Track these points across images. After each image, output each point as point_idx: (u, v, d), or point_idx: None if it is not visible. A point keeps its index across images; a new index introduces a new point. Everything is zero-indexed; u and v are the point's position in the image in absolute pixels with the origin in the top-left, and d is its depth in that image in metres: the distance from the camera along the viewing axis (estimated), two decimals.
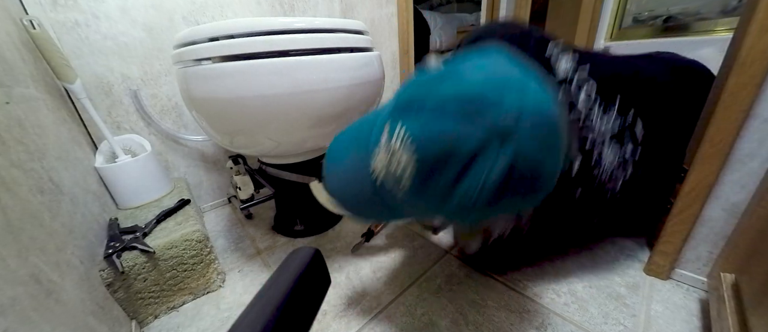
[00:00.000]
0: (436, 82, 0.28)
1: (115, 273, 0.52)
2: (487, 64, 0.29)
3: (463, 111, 0.26)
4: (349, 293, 0.61)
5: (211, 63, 0.49)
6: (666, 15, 1.24)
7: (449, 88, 0.27)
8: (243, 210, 0.83)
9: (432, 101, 0.27)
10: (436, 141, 0.27)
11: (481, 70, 0.28)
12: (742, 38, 0.41)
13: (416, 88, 0.30)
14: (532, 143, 0.26)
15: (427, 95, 0.28)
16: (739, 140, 0.45)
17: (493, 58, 0.29)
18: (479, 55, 0.30)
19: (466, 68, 0.28)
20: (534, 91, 0.27)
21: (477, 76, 0.27)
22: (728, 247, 0.49)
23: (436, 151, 0.27)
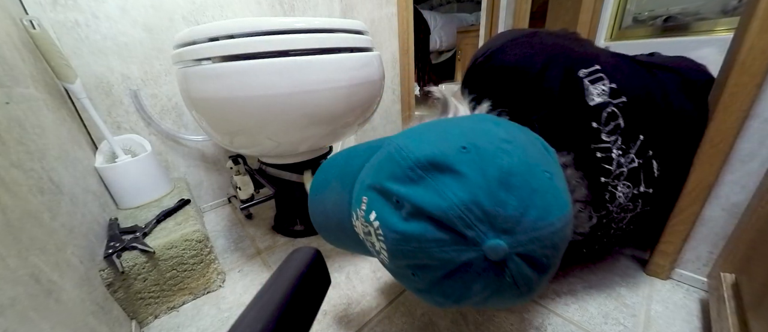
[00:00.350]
0: (419, 179, 0.24)
1: (115, 273, 0.52)
2: (475, 171, 0.23)
3: (442, 237, 0.23)
4: (349, 293, 0.61)
5: (211, 63, 0.49)
6: (666, 15, 1.24)
7: (430, 201, 0.23)
8: (243, 210, 0.83)
9: (410, 206, 0.24)
10: (406, 255, 0.25)
11: (470, 181, 0.23)
12: (742, 38, 0.41)
13: (396, 173, 0.26)
14: (525, 268, 0.24)
15: (406, 195, 0.24)
16: (739, 140, 0.45)
17: (488, 158, 0.24)
18: (474, 143, 0.25)
19: (451, 176, 0.24)
20: (533, 221, 0.23)
21: (466, 193, 0.23)
22: (728, 247, 0.49)
23: (407, 261, 0.25)
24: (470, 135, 0.26)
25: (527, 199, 0.23)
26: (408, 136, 0.29)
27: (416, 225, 0.24)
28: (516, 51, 0.42)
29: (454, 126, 0.28)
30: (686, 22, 1.20)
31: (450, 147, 0.25)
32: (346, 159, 0.36)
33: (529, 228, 0.23)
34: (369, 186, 0.28)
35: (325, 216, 0.37)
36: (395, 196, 0.25)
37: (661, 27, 1.26)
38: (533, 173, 0.24)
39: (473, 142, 0.25)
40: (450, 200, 0.23)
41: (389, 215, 0.25)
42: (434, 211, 0.23)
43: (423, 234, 0.23)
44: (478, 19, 2.64)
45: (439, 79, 2.68)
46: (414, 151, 0.25)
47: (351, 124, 0.62)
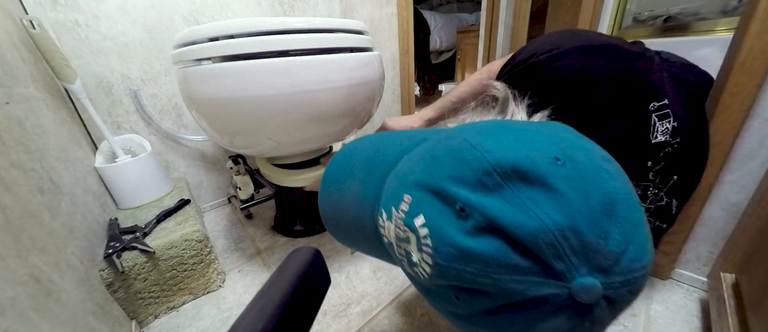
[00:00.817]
0: (496, 188, 0.19)
1: (115, 273, 0.52)
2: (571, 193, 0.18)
3: (520, 264, 0.18)
4: (349, 293, 0.61)
5: (211, 63, 0.49)
6: (666, 15, 1.24)
7: (512, 217, 0.18)
8: (243, 210, 0.83)
9: (481, 218, 0.19)
10: (458, 277, 0.20)
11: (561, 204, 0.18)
12: (742, 38, 0.41)
13: (465, 175, 0.20)
14: (607, 315, 0.19)
15: (478, 204, 0.19)
16: (739, 140, 0.45)
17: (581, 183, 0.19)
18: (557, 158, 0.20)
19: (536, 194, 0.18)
20: (631, 259, 0.18)
21: (553, 217, 0.18)
22: (728, 247, 0.49)
23: (455, 282, 0.20)
24: (562, 144, 0.21)
25: (630, 234, 0.19)
26: (477, 129, 0.23)
27: (486, 244, 0.19)
28: (586, 61, 0.37)
29: (536, 130, 0.23)
30: (686, 22, 1.20)
31: (540, 154, 0.20)
32: (376, 147, 0.31)
33: (626, 268, 0.18)
34: (416, 184, 0.22)
35: (340, 210, 0.31)
36: (460, 203, 0.20)
37: (661, 27, 1.26)
38: (634, 204, 0.20)
39: (568, 154, 0.20)
40: (541, 221, 0.18)
41: (447, 224, 0.20)
42: (517, 231, 0.18)
43: (493, 255, 0.19)
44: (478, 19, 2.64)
45: (440, 79, 2.67)
46: (492, 152, 0.20)
47: (351, 124, 0.62)
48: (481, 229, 0.19)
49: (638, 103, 0.38)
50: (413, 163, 0.25)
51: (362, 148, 0.32)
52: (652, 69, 0.42)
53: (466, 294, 0.21)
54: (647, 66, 0.41)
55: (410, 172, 0.24)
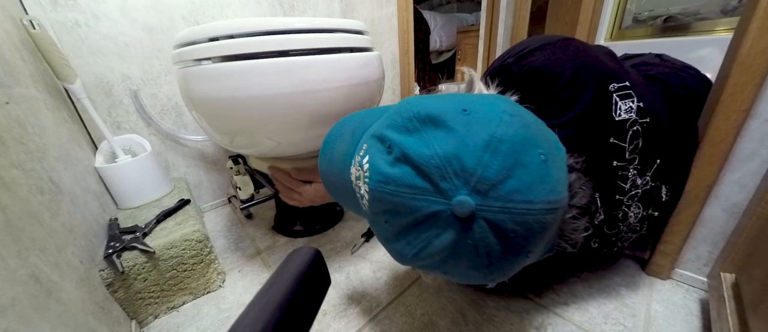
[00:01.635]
0: (414, 130, 0.26)
1: (115, 273, 0.52)
2: (466, 127, 0.24)
3: (418, 184, 0.24)
4: (349, 293, 0.61)
5: (211, 63, 0.49)
6: (666, 15, 1.24)
7: (415, 148, 0.24)
8: (243, 210, 0.82)
9: (398, 151, 0.25)
10: (383, 200, 0.26)
11: (458, 134, 0.24)
12: (742, 38, 0.41)
13: (396, 123, 0.27)
14: (490, 236, 0.23)
15: (398, 141, 0.26)
16: (739, 140, 0.45)
17: (488, 117, 0.25)
18: (476, 107, 0.26)
19: (438, 131, 0.25)
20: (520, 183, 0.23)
21: (444, 146, 0.24)
22: (728, 247, 0.49)
23: (383, 206, 0.27)
24: (477, 103, 0.26)
25: (511, 169, 0.23)
26: (421, 98, 0.29)
27: (398, 170, 0.25)
28: (548, 55, 0.41)
29: (469, 97, 0.29)
30: (686, 22, 1.20)
31: (452, 107, 0.26)
32: (363, 116, 0.37)
33: (503, 196, 0.23)
34: (371, 135, 0.29)
35: (331, 168, 0.37)
36: (389, 142, 0.26)
37: (661, 27, 1.26)
38: (526, 149, 0.24)
39: (476, 108, 0.25)
40: (433, 150, 0.24)
41: (379, 159, 0.27)
42: (416, 158, 0.24)
43: (401, 178, 0.25)
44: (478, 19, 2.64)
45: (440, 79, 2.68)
46: (417, 106, 0.27)
47: None
48: (398, 159, 0.25)
49: (597, 83, 0.40)
50: (378, 122, 0.31)
51: (354, 117, 0.38)
52: (618, 64, 0.45)
53: (390, 217, 0.27)
54: (606, 58, 0.44)
55: (373, 127, 0.31)
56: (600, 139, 0.41)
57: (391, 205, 0.26)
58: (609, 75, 0.41)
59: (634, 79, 0.43)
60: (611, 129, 0.41)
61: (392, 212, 0.27)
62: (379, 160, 0.27)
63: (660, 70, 0.54)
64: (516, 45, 0.45)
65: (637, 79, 0.44)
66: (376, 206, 0.28)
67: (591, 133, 0.40)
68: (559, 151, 0.29)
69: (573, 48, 0.42)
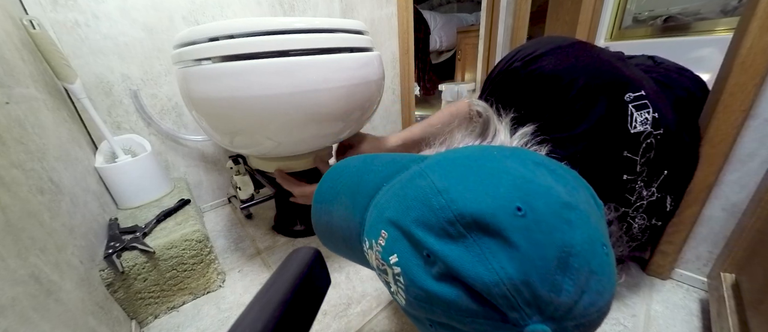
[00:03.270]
0: (458, 237, 0.20)
1: (115, 273, 0.52)
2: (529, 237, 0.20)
3: (478, 310, 0.20)
4: (349, 293, 0.61)
5: (211, 63, 0.49)
6: (666, 15, 1.24)
7: (471, 269, 0.20)
8: (243, 210, 0.82)
9: (444, 266, 0.20)
10: (429, 311, 0.22)
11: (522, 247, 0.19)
12: (742, 38, 0.41)
13: (430, 222, 0.21)
14: None
15: (442, 253, 0.20)
16: (739, 140, 0.45)
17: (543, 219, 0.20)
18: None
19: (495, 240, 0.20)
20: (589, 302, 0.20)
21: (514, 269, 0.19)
22: (728, 247, 0.49)
23: (428, 315, 0.23)
24: (526, 188, 0.21)
25: (584, 284, 0.20)
26: (447, 170, 0.24)
27: (448, 290, 0.20)
28: (559, 61, 0.38)
29: (504, 169, 0.23)
30: (686, 22, 1.20)
31: (502, 204, 0.20)
32: (359, 172, 0.32)
33: (579, 315, 0.20)
34: (391, 222, 0.24)
35: (330, 230, 0.33)
36: (427, 249, 0.21)
37: (661, 27, 1.26)
38: (594, 251, 0.21)
39: (530, 203, 0.20)
40: (497, 274, 0.19)
41: (416, 268, 0.22)
42: (475, 282, 0.19)
43: (455, 301, 0.20)
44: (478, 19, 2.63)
45: (440, 79, 2.67)
46: (457, 201, 0.21)
47: (351, 124, 0.62)
48: (445, 276, 0.20)
49: (613, 93, 0.38)
50: (390, 198, 0.26)
51: (347, 172, 0.33)
52: (632, 70, 0.43)
53: (437, 325, 0.23)
54: (621, 64, 0.42)
55: (386, 207, 0.25)
56: (612, 152, 0.39)
57: (441, 319, 0.22)
58: (624, 83, 0.39)
59: (649, 88, 0.41)
60: (625, 142, 0.39)
61: (441, 324, 0.23)
62: (417, 271, 0.22)
63: (660, 73, 0.53)
64: (523, 47, 0.42)
65: (651, 87, 0.42)
66: (419, 312, 0.23)
67: (603, 146, 0.38)
68: (601, 213, 0.26)
69: (586, 53, 0.39)
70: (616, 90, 0.38)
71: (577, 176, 0.27)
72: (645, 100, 0.39)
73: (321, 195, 0.34)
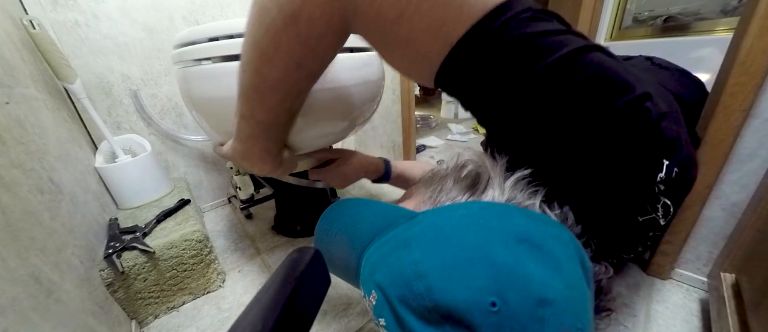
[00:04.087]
0: (435, 323, 0.22)
1: (115, 273, 0.52)
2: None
3: None
4: (349, 293, 0.61)
5: (211, 63, 0.49)
6: (666, 15, 1.24)
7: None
8: (243, 210, 0.83)
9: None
10: None
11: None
12: (742, 38, 0.41)
13: (410, 301, 0.23)
14: None
15: (416, 330, 0.23)
16: (739, 140, 0.45)
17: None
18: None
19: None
20: None
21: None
22: (728, 247, 0.49)
23: None
24: (503, 281, 0.22)
25: None
26: (429, 246, 0.25)
27: None
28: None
29: (484, 254, 0.24)
30: (686, 22, 1.20)
31: (477, 299, 0.22)
32: (354, 219, 0.34)
33: None
34: (378, 286, 0.26)
35: (331, 262, 0.35)
36: (408, 328, 0.23)
37: (661, 27, 1.26)
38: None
39: (505, 298, 0.21)
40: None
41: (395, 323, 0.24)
42: None
43: None
44: None
45: None
46: (435, 291, 0.22)
47: (351, 125, 0.62)
48: None
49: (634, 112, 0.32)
50: (378, 259, 0.28)
51: (343, 215, 0.36)
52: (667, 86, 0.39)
53: None
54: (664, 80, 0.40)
55: (376, 269, 0.27)
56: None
57: None
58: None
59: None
60: (648, 199, 0.33)
61: None
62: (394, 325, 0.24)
63: (659, 75, 0.52)
64: None
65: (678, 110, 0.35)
66: None
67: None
68: (586, 275, 0.26)
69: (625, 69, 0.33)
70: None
71: (565, 242, 0.26)
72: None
73: (320, 233, 0.37)
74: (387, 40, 0.30)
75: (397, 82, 1.35)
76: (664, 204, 0.33)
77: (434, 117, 2.03)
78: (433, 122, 1.97)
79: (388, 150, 1.32)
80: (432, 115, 2.07)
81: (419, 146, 1.59)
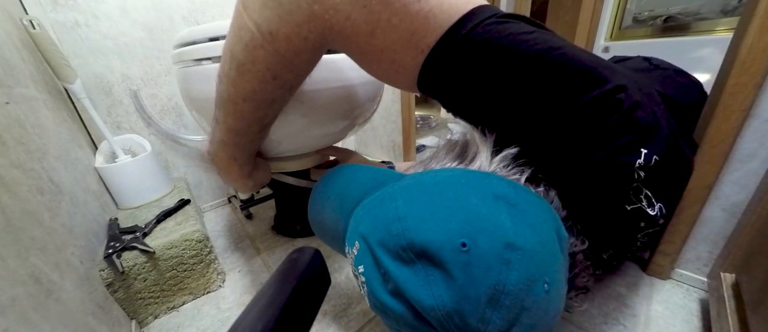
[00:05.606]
0: (409, 262, 0.24)
1: (115, 273, 0.52)
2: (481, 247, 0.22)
3: (418, 327, 0.24)
4: (349, 293, 0.61)
5: (211, 63, 0.49)
6: (666, 15, 1.24)
7: (415, 291, 0.23)
8: (243, 210, 0.83)
9: (394, 285, 0.24)
10: (383, 316, 0.26)
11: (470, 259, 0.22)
12: (742, 38, 0.41)
13: (388, 244, 0.25)
14: None
15: (394, 274, 0.24)
16: (739, 140, 0.45)
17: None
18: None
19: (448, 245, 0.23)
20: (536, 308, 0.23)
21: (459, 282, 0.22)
22: (728, 247, 0.49)
23: (385, 319, 0.26)
24: (475, 225, 0.23)
25: (514, 319, 0.22)
26: (412, 199, 0.27)
27: (397, 305, 0.24)
28: None
29: (461, 203, 0.25)
30: (686, 22, 1.20)
31: (449, 238, 0.23)
32: (348, 181, 0.35)
33: None
34: (361, 236, 0.27)
35: (322, 228, 0.37)
36: (383, 268, 0.25)
37: (661, 27, 1.26)
38: (530, 289, 0.22)
39: (475, 240, 0.23)
40: (435, 299, 0.22)
41: (375, 281, 0.25)
42: (416, 303, 0.23)
43: (401, 316, 0.24)
44: None
45: None
46: (411, 231, 0.24)
47: (351, 124, 0.62)
48: (396, 293, 0.24)
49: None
50: (365, 213, 0.29)
51: (340, 178, 0.37)
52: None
53: (394, 327, 0.27)
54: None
55: (361, 221, 0.29)
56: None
57: (393, 325, 0.27)
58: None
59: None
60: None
61: (395, 329, 0.27)
62: (376, 284, 0.25)
63: (657, 76, 0.52)
64: None
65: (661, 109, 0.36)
66: (378, 315, 0.28)
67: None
68: (561, 249, 0.27)
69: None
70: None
71: (543, 209, 0.28)
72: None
73: (315, 196, 0.38)
74: (364, 53, 0.32)
75: None
76: (647, 196, 0.34)
77: (434, 117, 2.03)
78: (433, 122, 1.97)
79: (388, 150, 1.32)
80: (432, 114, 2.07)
81: (419, 146, 1.59)
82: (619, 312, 0.53)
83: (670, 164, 0.34)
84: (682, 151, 0.42)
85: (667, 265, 0.57)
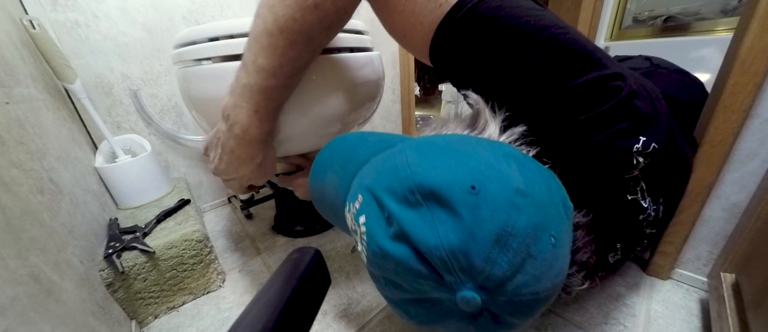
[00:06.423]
0: (415, 204, 0.23)
1: (115, 273, 0.52)
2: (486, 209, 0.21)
3: (420, 270, 0.22)
4: (349, 293, 0.61)
5: (211, 63, 0.49)
6: (666, 15, 1.24)
7: (419, 232, 0.22)
8: (243, 210, 0.83)
9: (398, 227, 0.23)
10: (382, 269, 0.25)
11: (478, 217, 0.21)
12: (742, 38, 0.41)
13: (395, 188, 0.24)
14: (490, 325, 0.23)
15: (399, 216, 0.23)
16: (739, 140, 0.45)
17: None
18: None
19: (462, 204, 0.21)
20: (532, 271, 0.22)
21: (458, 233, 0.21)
22: (728, 247, 0.49)
23: (382, 273, 0.25)
24: (485, 172, 0.23)
25: (520, 264, 0.21)
26: (422, 149, 0.26)
27: (399, 249, 0.23)
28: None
29: (473, 154, 0.25)
30: (686, 22, 1.20)
31: (458, 181, 0.22)
32: (355, 145, 0.34)
33: (510, 291, 0.21)
34: (367, 188, 0.26)
35: (322, 194, 0.35)
36: (388, 212, 0.24)
37: (661, 27, 1.26)
38: (537, 237, 0.22)
39: (484, 184, 0.22)
40: (439, 239, 0.21)
41: (377, 227, 0.24)
42: (419, 244, 0.22)
43: (402, 260, 0.23)
44: None
45: (440, 79, 2.68)
46: (419, 173, 0.23)
47: (351, 124, 0.62)
48: (398, 237, 0.23)
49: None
50: (371, 168, 0.28)
51: (343, 145, 0.36)
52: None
53: (390, 285, 0.26)
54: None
55: (366, 175, 0.28)
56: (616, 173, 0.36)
57: (391, 277, 0.25)
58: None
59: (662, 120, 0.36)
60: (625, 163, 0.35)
61: (392, 283, 0.26)
62: (377, 230, 0.24)
63: (657, 75, 0.52)
64: None
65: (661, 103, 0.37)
66: (376, 271, 0.26)
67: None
68: (566, 215, 0.27)
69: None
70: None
71: (551, 176, 0.28)
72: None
73: (318, 162, 0.36)
74: (388, 5, 0.34)
75: (397, 82, 1.35)
76: (642, 188, 0.35)
77: (434, 117, 2.03)
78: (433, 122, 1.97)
79: None
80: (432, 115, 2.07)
81: None
82: (619, 312, 0.53)
83: (669, 159, 0.36)
84: (681, 149, 0.42)
85: (667, 265, 0.57)
